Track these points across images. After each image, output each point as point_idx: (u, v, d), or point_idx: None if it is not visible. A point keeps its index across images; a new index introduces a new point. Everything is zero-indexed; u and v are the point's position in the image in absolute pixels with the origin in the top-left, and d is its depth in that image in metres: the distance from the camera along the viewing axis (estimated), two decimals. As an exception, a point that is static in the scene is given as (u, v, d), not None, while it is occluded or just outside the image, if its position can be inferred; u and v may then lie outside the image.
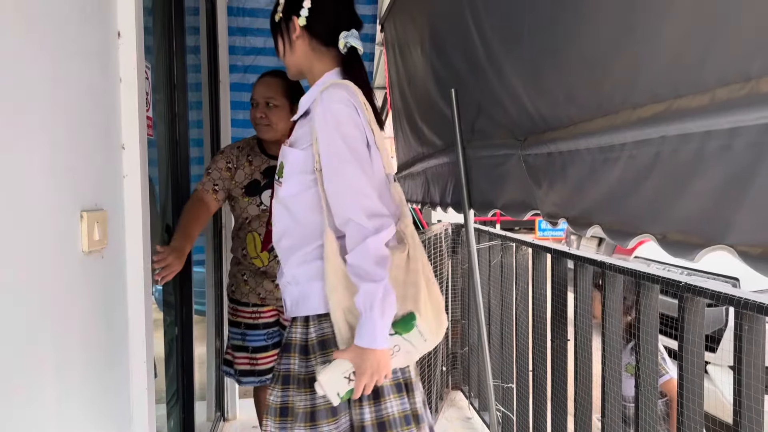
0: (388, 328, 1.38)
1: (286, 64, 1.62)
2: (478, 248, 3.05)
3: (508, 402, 2.85)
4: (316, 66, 1.56)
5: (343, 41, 1.53)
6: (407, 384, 1.52)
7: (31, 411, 1.05)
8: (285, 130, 2.33)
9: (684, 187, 1.15)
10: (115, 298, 1.40)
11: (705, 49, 1.07)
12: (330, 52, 1.56)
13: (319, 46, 1.55)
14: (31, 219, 1.05)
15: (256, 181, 2.33)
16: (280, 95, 2.31)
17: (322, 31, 1.53)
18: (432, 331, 1.49)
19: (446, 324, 1.54)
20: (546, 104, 1.71)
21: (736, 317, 1.38)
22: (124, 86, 1.42)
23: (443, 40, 2.61)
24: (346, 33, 1.54)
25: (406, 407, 1.49)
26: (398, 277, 1.43)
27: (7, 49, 0.98)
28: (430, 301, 1.49)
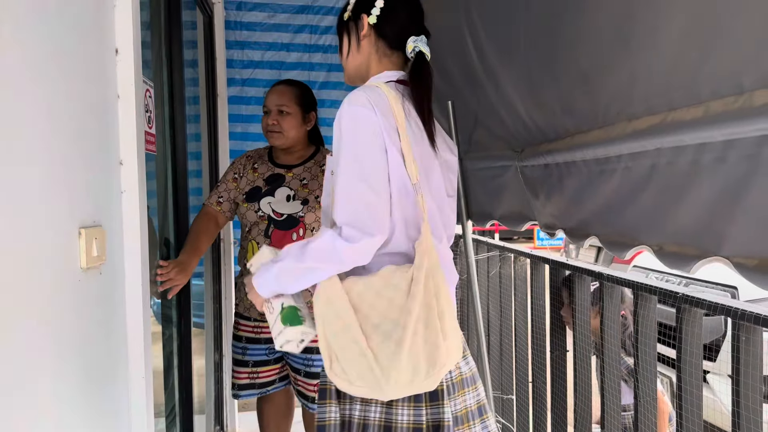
0: (270, 289, 1.42)
1: (347, 67, 1.57)
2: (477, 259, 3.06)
3: (508, 413, 2.84)
4: (373, 69, 1.52)
5: (412, 45, 1.48)
6: (390, 427, 1.38)
7: (30, 427, 1.04)
8: (296, 138, 2.35)
9: (679, 198, 1.16)
10: (114, 314, 1.40)
11: (699, 63, 1.08)
12: (394, 56, 1.52)
13: (385, 48, 1.51)
14: (31, 235, 1.05)
15: (258, 188, 2.34)
16: (292, 103, 2.33)
17: (390, 33, 1.50)
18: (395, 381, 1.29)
19: (438, 375, 1.32)
20: (543, 116, 1.72)
21: (733, 328, 1.38)
22: (122, 102, 1.43)
23: (439, 52, 2.62)
24: (416, 38, 1.49)
25: (420, 419, 1.37)
26: (395, 300, 1.30)
27: (6, 66, 0.99)
28: (424, 341, 1.30)
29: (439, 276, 1.31)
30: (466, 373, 1.49)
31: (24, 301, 1.03)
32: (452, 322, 1.35)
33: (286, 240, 2.32)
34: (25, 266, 1.03)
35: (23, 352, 1.03)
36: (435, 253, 1.32)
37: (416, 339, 1.28)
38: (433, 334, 1.29)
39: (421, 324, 1.28)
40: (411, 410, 1.37)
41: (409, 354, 1.27)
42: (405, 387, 1.31)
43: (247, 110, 3.59)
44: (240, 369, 2.42)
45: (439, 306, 1.30)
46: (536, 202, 1.85)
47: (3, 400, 0.96)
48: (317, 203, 2.33)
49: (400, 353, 1.27)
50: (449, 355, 1.33)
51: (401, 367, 1.28)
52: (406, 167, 1.35)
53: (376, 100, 1.35)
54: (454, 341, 1.35)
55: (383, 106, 1.35)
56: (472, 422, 1.47)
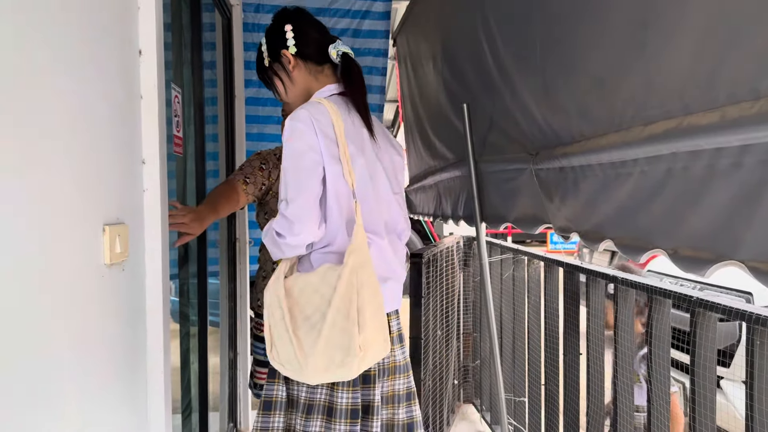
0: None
1: (289, 101, 1.71)
2: (490, 261, 3.06)
3: (520, 416, 2.85)
4: (314, 87, 1.66)
5: (334, 51, 1.62)
6: (332, 408, 1.54)
7: (52, 421, 1.07)
8: None
9: (695, 203, 1.17)
10: (135, 311, 1.42)
11: (715, 67, 1.09)
12: (326, 70, 1.66)
13: (315, 67, 1.65)
14: (56, 232, 1.08)
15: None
16: None
17: (312, 51, 1.64)
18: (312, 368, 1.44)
19: (351, 364, 1.44)
20: (558, 119, 1.73)
21: (747, 332, 1.38)
22: (144, 103, 1.46)
23: (455, 55, 2.64)
24: (333, 44, 1.63)
25: (357, 401, 1.54)
26: (325, 295, 1.43)
27: (37, 67, 1.02)
28: (341, 332, 1.42)
29: (364, 273, 1.46)
30: (401, 361, 1.68)
31: (50, 295, 1.06)
32: (374, 316, 1.48)
33: None
34: (51, 261, 1.06)
35: (49, 347, 1.06)
36: (363, 253, 1.47)
37: (334, 330, 1.42)
38: (350, 326, 1.42)
39: (340, 316, 1.42)
40: (350, 393, 1.54)
41: (326, 343, 1.41)
42: (321, 373, 1.45)
43: (264, 111, 3.62)
44: (262, 369, 2.45)
45: (359, 300, 1.44)
46: (551, 205, 1.86)
47: (29, 393, 0.99)
48: None
49: (318, 342, 1.42)
50: (366, 346, 1.45)
51: (318, 354, 1.42)
52: (345, 176, 1.51)
53: (316, 116, 1.50)
54: (373, 334, 1.47)
55: (323, 121, 1.50)
56: (398, 405, 1.66)
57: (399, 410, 1.66)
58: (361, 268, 1.46)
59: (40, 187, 1.02)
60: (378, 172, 1.64)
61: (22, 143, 0.97)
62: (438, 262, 3.01)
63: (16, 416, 0.95)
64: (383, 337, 1.51)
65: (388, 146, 1.73)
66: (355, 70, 1.64)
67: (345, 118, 1.57)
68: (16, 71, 0.96)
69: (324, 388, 1.54)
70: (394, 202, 1.69)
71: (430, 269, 2.81)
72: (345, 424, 1.52)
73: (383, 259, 1.64)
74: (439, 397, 3.02)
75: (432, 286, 2.85)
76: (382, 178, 1.65)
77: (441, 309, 3.10)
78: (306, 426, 1.53)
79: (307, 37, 1.64)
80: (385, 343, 1.53)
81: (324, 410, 1.53)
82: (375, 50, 3.75)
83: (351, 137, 1.56)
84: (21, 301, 0.98)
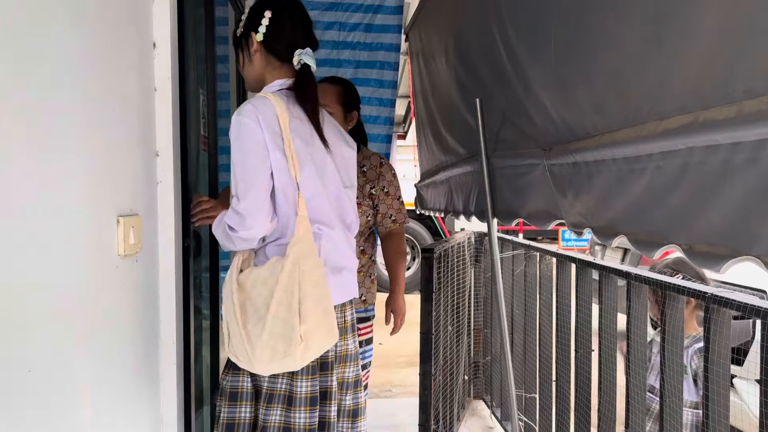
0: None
1: (244, 76, 1.74)
2: (502, 257, 3.05)
3: (531, 412, 2.84)
4: (268, 78, 1.69)
5: (297, 58, 1.65)
6: (292, 397, 1.58)
7: (66, 406, 1.08)
8: None
9: (711, 198, 1.16)
10: (148, 302, 1.43)
11: (732, 62, 1.08)
12: (284, 67, 1.68)
13: (275, 61, 1.67)
14: (72, 223, 1.09)
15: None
16: (334, 102, 2.34)
17: (277, 47, 1.66)
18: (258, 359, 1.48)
19: (295, 354, 1.48)
20: (572, 114, 1.72)
21: (762, 329, 1.37)
22: (158, 96, 1.46)
23: (468, 50, 2.63)
24: (301, 51, 1.66)
25: (315, 388, 1.59)
26: (272, 287, 1.46)
27: (54, 60, 1.02)
28: (283, 323, 1.46)
29: (307, 264, 1.49)
30: (352, 350, 1.74)
31: (65, 285, 1.07)
32: (316, 306, 1.50)
33: None
34: (66, 252, 1.07)
35: (63, 337, 1.07)
36: (306, 244, 1.51)
37: (276, 321, 1.45)
38: (292, 317, 1.46)
39: (282, 307, 1.46)
40: (308, 381, 1.58)
41: (269, 334, 1.45)
42: (267, 364, 1.49)
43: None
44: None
45: (301, 292, 1.47)
46: (564, 201, 1.85)
47: (43, 381, 1.00)
48: None
49: (263, 333, 1.45)
50: (307, 336, 1.48)
51: (263, 346, 1.45)
52: (289, 169, 1.55)
53: (262, 109, 1.53)
54: (316, 324, 1.50)
55: (268, 115, 1.53)
56: (346, 391, 1.72)
57: (346, 396, 1.73)
58: (303, 259, 1.49)
59: (54, 179, 1.03)
60: (327, 165, 1.68)
61: (36, 134, 0.98)
62: (449, 257, 3.01)
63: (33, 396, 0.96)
64: (327, 327, 1.54)
65: (339, 141, 1.77)
66: (310, 81, 1.68)
67: (291, 111, 1.60)
68: (33, 64, 0.97)
69: (284, 377, 1.58)
70: (344, 196, 1.74)
71: (441, 265, 2.81)
72: (305, 411, 1.57)
73: (337, 250, 1.69)
74: (449, 393, 3.03)
75: (443, 282, 2.85)
76: (332, 172, 1.69)
77: (452, 304, 3.10)
78: (266, 415, 1.56)
79: (280, 33, 1.66)
80: (330, 333, 1.56)
81: (284, 399, 1.58)
82: (387, 45, 3.75)
83: (297, 131, 1.59)
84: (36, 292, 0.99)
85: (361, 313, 2.42)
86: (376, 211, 2.41)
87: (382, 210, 2.41)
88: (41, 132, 0.99)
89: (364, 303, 2.42)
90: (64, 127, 1.07)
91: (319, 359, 1.62)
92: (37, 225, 0.98)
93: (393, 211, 2.43)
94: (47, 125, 1.01)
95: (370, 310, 2.47)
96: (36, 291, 0.98)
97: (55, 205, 1.03)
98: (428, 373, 2.55)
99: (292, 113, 1.59)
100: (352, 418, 1.75)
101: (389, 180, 2.43)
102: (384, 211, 2.41)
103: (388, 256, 2.48)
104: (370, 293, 2.46)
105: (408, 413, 3.36)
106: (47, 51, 1.01)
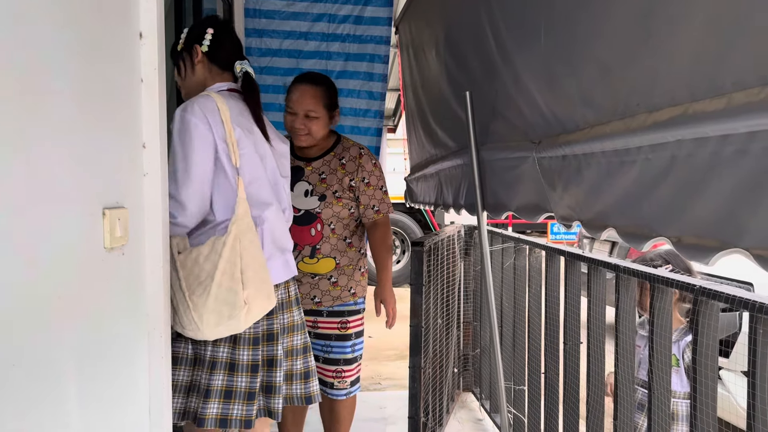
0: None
1: (185, 87, 1.91)
2: (491, 250, 3.06)
3: (520, 404, 2.85)
4: (210, 83, 1.87)
5: (239, 67, 1.88)
6: (234, 364, 1.77)
7: (52, 403, 1.07)
8: (323, 136, 2.37)
9: (700, 190, 1.16)
10: (135, 295, 1.42)
11: (722, 54, 1.08)
12: (225, 75, 1.89)
13: (217, 69, 1.88)
14: (56, 216, 1.07)
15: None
16: (320, 107, 2.32)
17: (220, 58, 1.87)
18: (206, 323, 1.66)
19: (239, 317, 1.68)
20: (561, 107, 1.72)
21: (750, 321, 1.38)
22: (145, 86, 1.44)
23: (458, 43, 2.62)
24: (241, 62, 1.89)
25: (257, 357, 1.79)
26: (215, 261, 1.65)
27: (36, 49, 1.01)
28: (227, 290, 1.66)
29: (246, 239, 1.70)
30: (298, 321, 1.98)
31: (50, 279, 1.05)
32: (256, 274, 1.71)
33: (304, 235, 2.33)
34: (51, 245, 1.05)
35: (48, 330, 1.05)
36: (245, 222, 1.71)
37: (221, 290, 1.66)
38: (235, 284, 1.67)
39: (226, 277, 1.66)
40: (249, 351, 1.78)
41: (215, 301, 1.65)
42: (214, 328, 1.68)
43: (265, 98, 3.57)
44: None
45: (242, 263, 1.68)
46: (553, 194, 1.85)
47: (27, 375, 0.99)
48: (334, 198, 2.34)
49: (208, 301, 1.65)
50: (250, 301, 1.69)
51: (209, 311, 1.65)
52: (231, 155, 1.73)
53: (206, 105, 1.72)
54: (256, 290, 1.71)
55: (210, 107, 1.72)
56: (295, 357, 1.95)
57: (297, 361, 1.95)
58: (243, 235, 1.70)
59: (38, 171, 1.01)
60: (268, 154, 1.88)
61: (20, 124, 0.96)
62: (439, 250, 3.01)
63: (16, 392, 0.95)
64: (265, 293, 1.75)
65: (276, 137, 1.98)
66: (253, 86, 1.91)
67: (233, 106, 1.78)
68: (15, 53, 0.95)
69: (226, 347, 1.77)
70: (282, 184, 1.96)
71: (431, 258, 2.81)
72: (245, 376, 1.77)
73: (280, 232, 1.91)
74: (439, 385, 3.03)
75: (433, 275, 2.85)
76: (271, 161, 1.90)
77: (441, 297, 3.10)
78: (210, 379, 1.75)
79: (222, 47, 1.87)
80: (269, 298, 1.77)
81: (226, 366, 1.76)
82: (377, 37, 3.73)
83: (238, 122, 1.77)
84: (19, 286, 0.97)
85: (351, 306, 2.41)
86: (357, 202, 2.39)
87: (364, 201, 2.39)
88: (24, 123, 0.97)
89: (353, 296, 2.41)
90: (48, 118, 1.05)
91: (266, 330, 1.83)
92: (21, 217, 0.96)
93: (375, 201, 2.40)
94: (31, 116, 0.99)
95: (360, 303, 2.46)
96: (19, 285, 0.97)
97: (39, 197, 1.01)
98: (418, 365, 2.55)
99: (233, 108, 1.78)
100: (305, 379, 1.97)
101: (369, 170, 2.40)
102: (365, 202, 2.39)
103: (374, 246, 2.47)
104: (360, 286, 2.45)
105: (398, 406, 3.37)
106: (30, 40, 0.99)
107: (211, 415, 1.75)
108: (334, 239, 2.36)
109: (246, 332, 1.77)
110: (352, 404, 2.52)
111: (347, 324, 2.41)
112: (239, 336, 1.76)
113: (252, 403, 1.78)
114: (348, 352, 2.42)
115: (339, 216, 2.35)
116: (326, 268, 2.36)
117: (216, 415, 1.75)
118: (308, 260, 2.35)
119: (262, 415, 1.86)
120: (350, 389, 2.45)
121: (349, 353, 2.42)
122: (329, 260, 2.36)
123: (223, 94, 1.83)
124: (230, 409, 1.76)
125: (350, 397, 2.48)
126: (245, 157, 1.78)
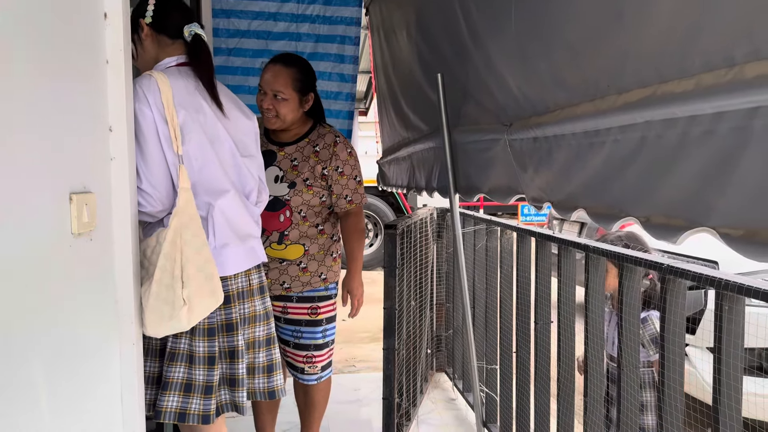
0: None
1: (139, 66, 1.79)
2: (464, 232, 3.08)
3: (492, 383, 2.89)
4: (161, 56, 1.78)
5: (188, 30, 1.76)
6: (192, 356, 1.71)
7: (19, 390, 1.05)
8: (294, 120, 2.32)
9: (668, 171, 1.18)
10: (104, 281, 1.40)
11: (690, 35, 1.09)
12: (175, 45, 1.78)
13: (166, 39, 1.77)
14: (21, 201, 1.04)
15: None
16: (288, 88, 2.26)
17: (167, 27, 1.77)
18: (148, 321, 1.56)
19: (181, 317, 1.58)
20: (533, 89, 1.73)
21: (716, 298, 1.41)
22: (110, 69, 1.41)
23: (429, 25, 2.61)
24: (189, 25, 1.77)
25: (213, 348, 1.72)
26: (159, 255, 1.56)
27: (-5, 29, 0.97)
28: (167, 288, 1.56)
29: (188, 233, 1.60)
30: (260, 311, 1.87)
31: (15, 265, 1.03)
32: (198, 271, 1.61)
33: (273, 221, 2.31)
34: (16, 231, 1.03)
35: (13, 319, 1.03)
36: (187, 214, 1.61)
37: (160, 287, 1.55)
38: (174, 282, 1.56)
39: (165, 274, 1.56)
40: (205, 342, 1.71)
41: (155, 299, 1.55)
42: (156, 327, 1.58)
43: (234, 80, 3.55)
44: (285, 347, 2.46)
45: (182, 258, 1.58)
46: (524, 176, 1.87)
47: (-3, 364, 0.97)
48: (305, 186, 2.31)
49: (149, 299, 1.54)
50: (191, 299, 1.59)
51: (149, 309, 1.55)
52: (172, 141, 1.63)
53: (148, 87, 1.61)
54: (198, 288, 1.60)
55: (153, 91, 1.61)
56: (258, 349, 1.86)
57: (259, 354, 1.86)
58: (184, 229, 1.60)
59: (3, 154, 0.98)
60: (220, 136, 1.76)
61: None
62: (412, 233, 3.02)
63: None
64: (209, 290, 1.64)
65: (235, 111, 1.86)
66: (204, 49, 1.78)
67: (179, 86, 1.68)
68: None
69: (185, 338, 1.71)
70: (242, 164, 1.83)
71: (404, 240, 2.82)
72: (203, 369, 1.71)
73: (240, 217, 1.80)
74: (412, 366, 3.06)
75: (406, 257, 2.86)
76: (226, 142, 1.77)
77: (415, 280, 3.12)
78: (169, 372, 1.70)
79: (168, 15, 1.77)
80: (213, 295, 1.66)
81: (186, 358, 1.71)
82: (347, 18, 3.69)
83: (183, 104, 1.67)
84: (-15, 272, 0.95)
85: (321, 292, 2.40)
86: (330, 191, 2.37)
87: (336, 190, 2.36)
88: (-15, 105, 0.94)
89: (324, 282, 2.41)
90: (11, 102, 1.02)
91: (224, 321, 1.75)
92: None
93: (348, 192, 2.38)
94: (-9, 98, 0.96)
95: (332, 289, 2.45)
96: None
97: (2, 182, 0.98)
98: (392, 347, 2.57)
99: (179, 87, 1.68)
100: (267, 373, 1.88)
101: (344, 159, 2.36)
102: (339, 192, 2.36)
103: (345, 236, 2.45)
104: (332, 271, 2.44)
105: (372, 387, 3.39)
106: (-11, 19, 0.96)
107: (169, 408, 1.69)
108: (305, 226, 2.34)
109: (201, 323, 1.70)
110: (327, 388, 2.53)
111: (318, 309, 2.40)
112: (195, 327, 1.69)
113: (210, 397, 1.72)
114: (319, 338, 2.41)
115: (309, 204, 2.33)
116: (295, 254, 2.34)
117: (175, 408, 1.70)
118: (276, 246, 2.33)
119: (228, 410, 1.80)
120: (321, 374, 2.45)
121: (320, 338, 2.42)
122: (297, 246, 2.34)
123: (170, 71, 1.73)
124: (189, 403, 1.70)
125: (323, 381, 2.48)
126: (192, 143, 1.68)
